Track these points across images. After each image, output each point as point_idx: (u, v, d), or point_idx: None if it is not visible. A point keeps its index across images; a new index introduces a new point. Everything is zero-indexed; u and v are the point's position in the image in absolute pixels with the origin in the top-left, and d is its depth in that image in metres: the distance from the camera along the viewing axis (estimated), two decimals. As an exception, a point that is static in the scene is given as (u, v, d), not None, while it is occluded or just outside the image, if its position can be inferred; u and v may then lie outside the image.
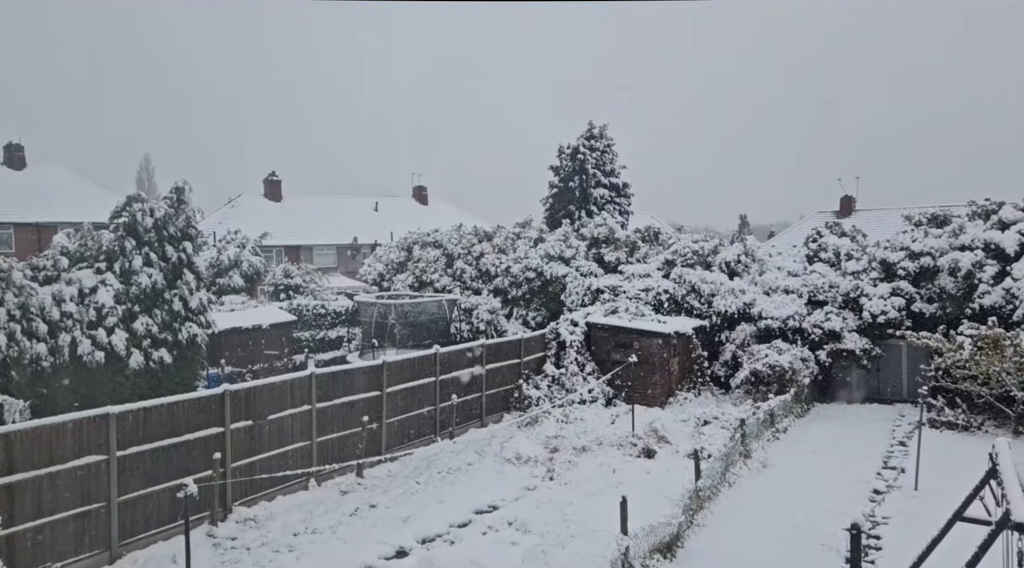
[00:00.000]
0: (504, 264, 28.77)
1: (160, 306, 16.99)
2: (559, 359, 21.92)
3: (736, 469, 14.98)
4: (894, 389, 21.86)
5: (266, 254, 35.59)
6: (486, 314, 27.45)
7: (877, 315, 21.07)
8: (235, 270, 29.34)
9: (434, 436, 17.88)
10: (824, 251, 24.23)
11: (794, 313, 22.09)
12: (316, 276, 33.19)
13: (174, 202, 18.11)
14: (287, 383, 14.23)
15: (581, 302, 25.52)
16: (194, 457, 12.23)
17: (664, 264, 25.77)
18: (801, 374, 20.38)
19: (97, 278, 16.30)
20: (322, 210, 49.94)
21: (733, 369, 22.14)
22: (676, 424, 18.43)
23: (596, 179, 37.71)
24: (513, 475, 15.22)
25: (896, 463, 15.67)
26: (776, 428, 18.15)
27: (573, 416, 19.52)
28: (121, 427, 11.21)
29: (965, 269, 20.09)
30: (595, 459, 16.16)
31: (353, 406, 15.55)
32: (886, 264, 21.73)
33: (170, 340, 16.97)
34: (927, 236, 21.85)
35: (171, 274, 17.42)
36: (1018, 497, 6.46)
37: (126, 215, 17.13)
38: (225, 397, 12.83)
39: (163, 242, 17.42)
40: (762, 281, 23.82)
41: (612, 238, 29.02)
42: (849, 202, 43.06)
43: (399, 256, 32.57)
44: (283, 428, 14.00)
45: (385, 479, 15.15)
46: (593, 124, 38.70)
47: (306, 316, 27.96)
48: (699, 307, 23.53)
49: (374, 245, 45.41)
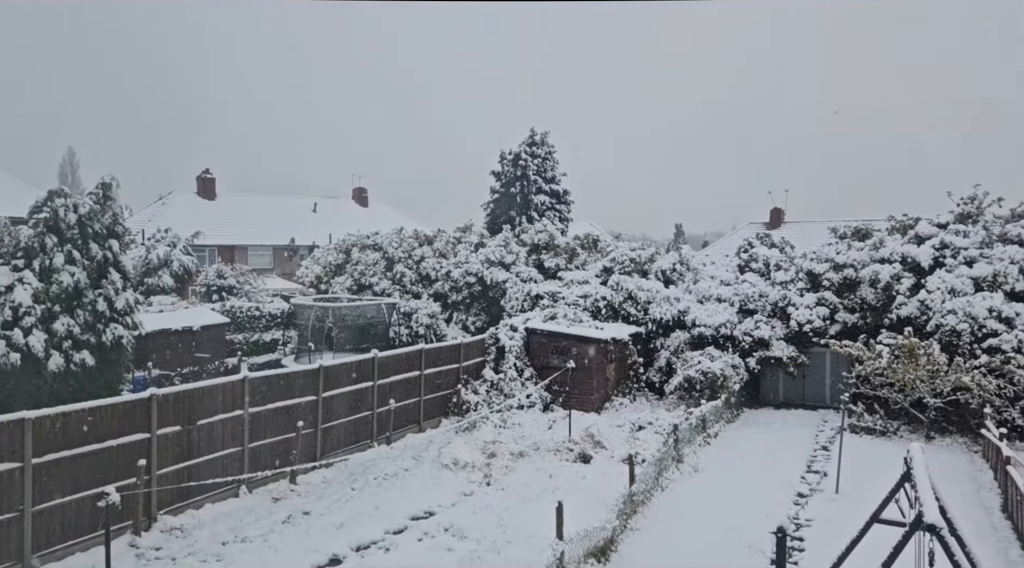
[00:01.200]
0: (445, 268, 28.70)
1: (83, 306, 16.24)
2: (498, 364, 21.97)
3: (669, 474, 15.33)
4: (818, 395, 22.77)
5: (199, 254, 34.50)
6: (426, 318, 27.34)
7: (803, 324, 21.91)
8: (165, 270, 28.34)
9: (371, 441, 17.66)
10: (755, 261, 25.07)
11: (726, 321, 22.76)
12: (251, 277, 32.37)
13: (100, 198, 17.37)
14: (218, 387, 13.82)
15: (521, 307, 25.69)
16: (118, 464, 11.75)
17: (602, 271, 26.19)
18: (732, 380, 21.01)
19: (13, 276, 15.46)
20: (259, 210, 48.70)
21: (668, 375, 22.64)
22: (612, 429, 18.71)
23: (537, 185, 38.03)
24: (450, 481, 15.18)
25: (819, 467, 16.32)
26: (708, 433, 18.65)
27: (511, 421, 19.59)
28: (38, 433, 10.68)
29: (884, 281, 21.12)
30: (532, 464, 16.27)
31: (288, 411, 15.22)
32: (812, 275, 22.64)
33: (93, 342, 16.23)
34: (850, 248, 22.86)
35: (95, 273, 16.68)
36: (930, 500, 6.84)
37: (47, 210, 16.31)
38: (152, 401, 12.38)
39: (87, 239, 16.67)
40: (696, 290, 24.46)
41: (552, 244, 29.32)
42: (778, 214, 44.64)
43: (338, 258, 32.10)
44: (213, 434, 13.60)
45: (320, 485, 14.88)
46: (535, 131, 39.02)
47: (240, 318, 27.23)
48: (636, 314, 23.99)
49: (312, 247, 44.54)
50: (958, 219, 22.62)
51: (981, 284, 19.83)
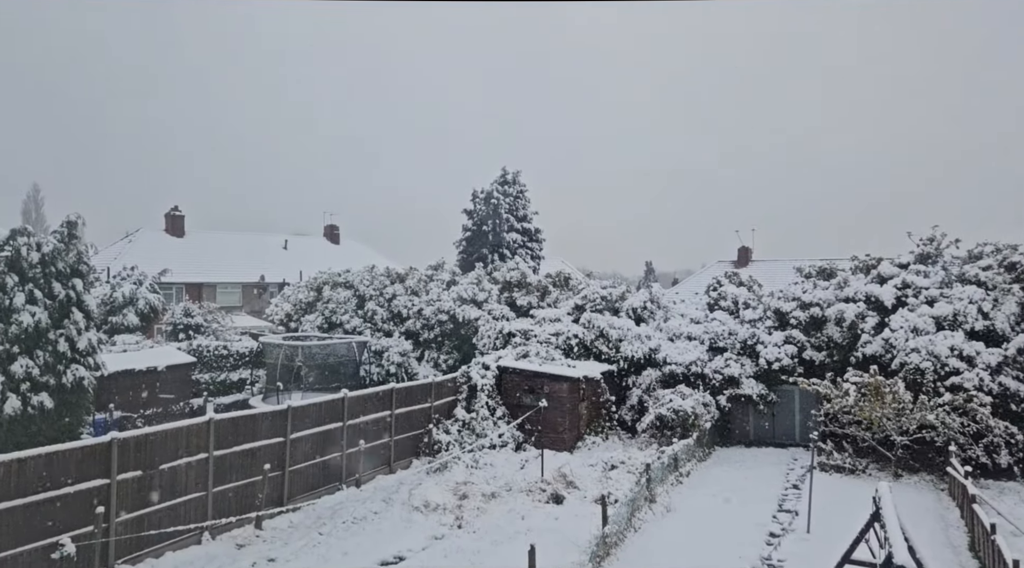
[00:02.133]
0: (417, 306, 28.58)
1: (43, 347, 15.82)
2: (470, 403, 21.80)
3: (642, 514, 15.24)
4: (788, 433, 22.93)
5: (166, 292, 33.97)
6: (397, 356, 27.12)
7: (772, 362, 22.17)
8: (130, 308, 27.81)
9: (340, 484, 17.30)
10: (724, 299, 25.41)
11: (697, 359, 22.93)
12: (219, 315, 31.88)
13: (64, 237, 17.06)
14: (182, 430, 13.48)
15: (493, 345, 25.61)
16: (74, 512, 11.32)
17: (574, 309, 26.30)
18: (703, 418, 21.08)
19: (-28, 316, 15.05)
20: (228, 247, 48.21)
21: (639, 413, 22.65)
22: (584, 469, 18.61)
23: (509, 224, 38.33)
24: (421, 523, 14.90)
25: (790, 506, 16.36)
26: (680, 472, 18.62)
27: (483, 461, 19.37)
28: (-9, 480, 10.28)
29: (849, 320, 21.53)
30: (504, 505, 16.06)
31: (255, 453, 14.88)
32: (780, 313, 23.00)
33: (53, 383, 15.77)
34: (816, 287, 23.32)
35: (58, 312, 16.30)
36: (899, 540, 6.90)
37: (9, 249, 15.96)
38: (112, 445, 12.01)
39: (50, 278, 16.32)
40: (667, 327, 24.67)
41: (524, 282, 29.43)
42: (746, 252, 45.38)
43: (308, 296, 31.80)
44: (177, 478, 13.21)
45: (286, 530, 14.49)
46: (507, 170, 39.51)
47: (207, 357, 26.71)
48: (607, 352, 24.06)
49: (282, 284, 44.14)
50: (918, 259, 23.25)
51: (942, 323, 20.31)
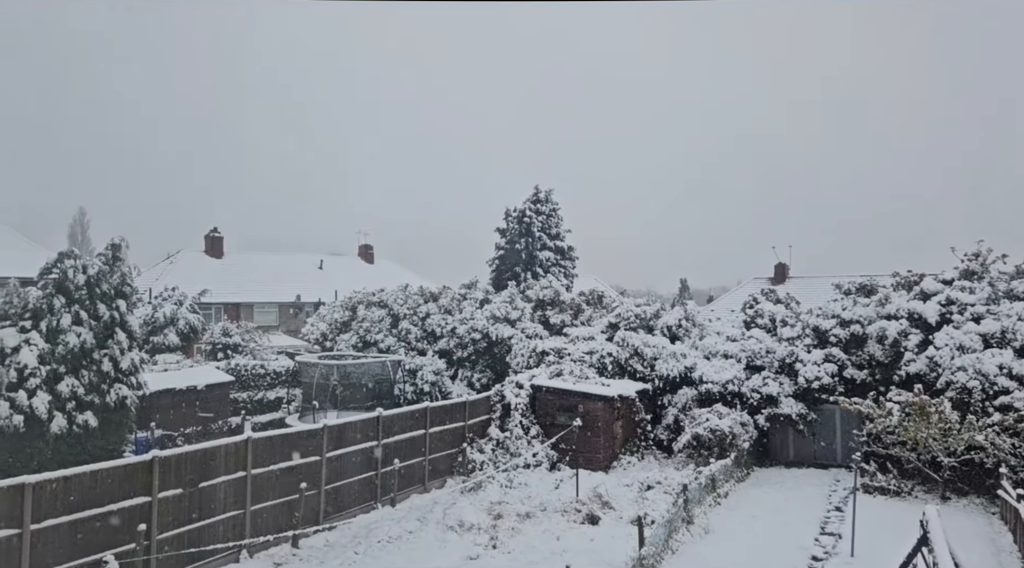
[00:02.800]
0: (450, 325, 28.71)
1: (88, 367, 16.25)
2: (504, 422, 21.74)
3: (679, 536, 14.97)
4: (829, 453, 22.38)
5: (205, 312, 34.65)
6: (431, 375, 27.21)
7: (812, 380, 21.72)
8: (171, 328, 28.39)
9: (375, 502, 17.35)
10: (761, 317, 25.02)
11: (733, 378, 22.58)
12: (256, 335, 32.39)
13: (109, 259, 17.58)
14: (221, 448, 13.68)
15: (526, 364, 25.56)
16: (117, 529, 11.53)
17: (608, 327, 26.15)
18: (741, 438, 20.70)
19: (21, 337, 15.53)
20: (265, 267, 49.12)
21: (675, 433, 22.34)
22: (620, 489, 18.39)
23: (542, 242, 38.39)
24: (456, 543, 14.84)
25: (833, 528, 15.92)
26: (717, 493, 18.28)
27: (517, 481, 19.28)
28: (37, 498, 10.53)
29: (892, 337, 21.01)
30: (539, 526, 15.93)
31: (291, 472, 15.02)
32: (819, 331, 22.56)
33: (97, 402, 16.17)
34: (856, 305, 22.83)
35: (102, 333, 16.75)
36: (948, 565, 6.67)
37: (57, 272, 16.50)
38: (154, 463, 12.24)
39: (95, 300, 16.80)
40: (702, 346, 24.37)
41: (557, 300, 29.39)
42: (783, 269, 44.81)
43: (343, 315, 32.17)
44: (215, 496, 13.39)
45: (322, 549, 14.56)
46: (539, 188, 39.64)
47: (244, 376, 27.12)
48: (642, 370, 23.84)
49: (318, 304, 44.72)
50: (963, 275, 22.64)
51: (990, 341, 19.71)
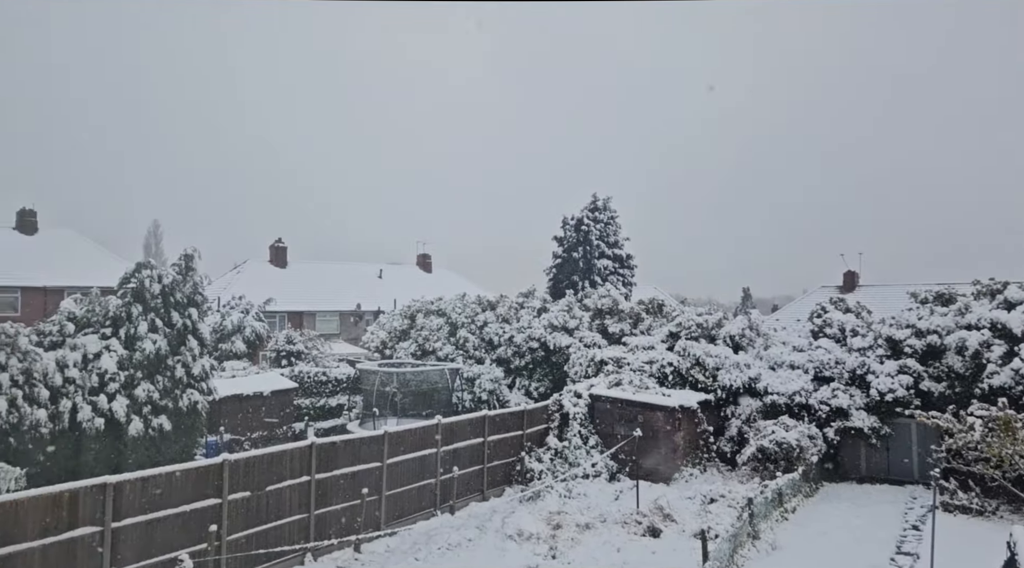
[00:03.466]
0: (507, 334, 28.75)
1: (163, 372, 16.91)
2: (562, 431, 21.60)
3: (744, 551, 14.54)
4: (905, 469, 21.40)
5: (269, 320, 35.66)
6: (489, 384, 27.28)
7: (885, 393, 20.84)
8: (238, 335, 29.34)
9: (434, 509, 17.46)
10: (829, 327, 24.17)
11: (800, 389, 21.88)
12: (318, 343, 33.14)
13: (182, 269, 18.29)
14: (287, 453, 14.01)
15: (585, 373, 25.35)
16: (190, 529, 11.92)
17: (668, 336, 25.72)
18: (809, 452, 20.01)
19: (102, 344, 16.29)
20: (326, 276, 50.33)
21: (739, 445, 21.77)
22: (682, 501, 18.01)
23: (600, 250, 38.13)
24: (514, 552, 14.78)
25: (910, 548, 15.20)
26: (784, 508, 17.70)
27: (576, 491, 19.10)
28: (118, 497, 10.98)
29: (972, 349, 20.00)
30: (599, 537, 15.73)
31: (353, 478, 15.25)
32: (892, 341, 21.66)
33: (171, 407, 16.81)
34: (933, 314, 21.84)
35: (175, 340, 17.42)
36: (1042, 591, 6.26)
37: (134, 281, 17.26)
38: (224, 466, 12.60)
39: (169, 308, 17.50)
40: (767, 356, 23.71)
41: (616, 309, 29.09)
42: (852, 277, 43.27)
43: (402, 324, 32.60)
44: (281, 500, 13.70)
45: (383, 555, 14.71)
46: (597, 196, 39.42)
47: (307, 383, 27.76)
48: (703, 381, 23.34)
49: (377, 312, 45.49)
50: (1050, 282, 21.41)
51: (1080, 351, 18.55)
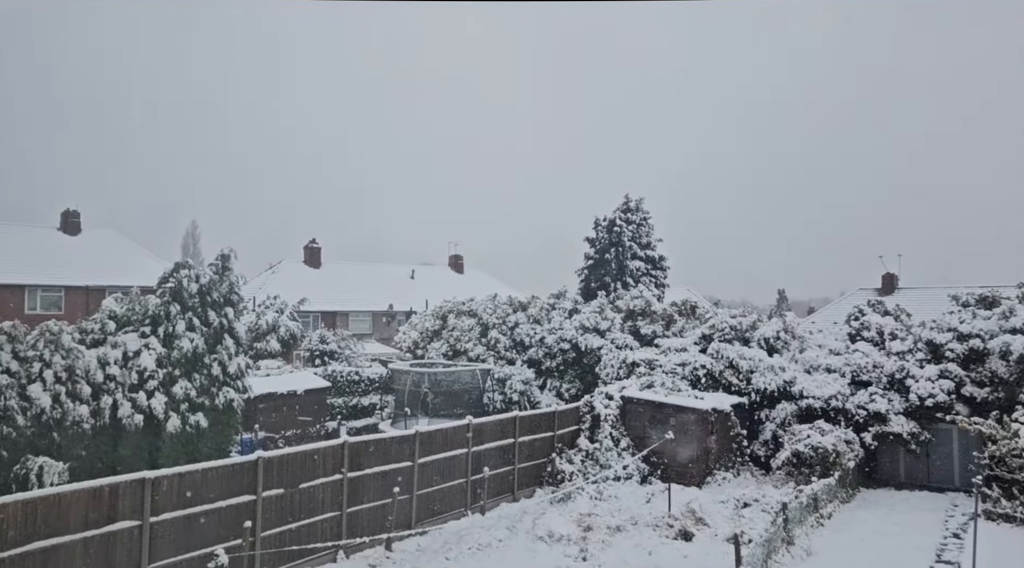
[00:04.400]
0: (539, 335, 28.71)
1: (200, 370, 17.24)
2: (593, 433, 21.50)
3: (778, 556, 14.31)
4: (945, 476, 20.87)
5: (303, 319, 36.09)
6: (519, 385, 27.26)
7: (925, 398, 20.34)
8: (273, 335, 29.73)
9: (465, 509, 17.51)
10: (867, 330, 23.68)
11: (836, 393, 21.47)
12: (351, 342, 33.47)
13: (219, 269, 18.62)
14: (320, 451, 14.17)
15: (616, 375, 25.20)
16: (225, 525, 12.12)
17: (701, 339, 25.44)
18: (845, 457, 19.62)
19: (141, 342, 16.66)
20: (359, 277, 50.80)
21: (773, 449, 21.44)
22: (714, 505, 17.77)
23: (632, 251, 37.88)
24: (545, 554, 14.75)
25: (950, 557, 14.81)
26: (820, 513, 17.37)
27: (607, 493, 18.99)
28: (156, 492, 11.21)
29: (1017, 353, 19.41)
30: (630, 540, 15.62)
31: (385, 476, 15.36)
32: (933, 345, 21.13)
33: (207, 404, 17.12)
34: (975, 317, 21.26)
35: (212, 339, 17.74)
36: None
37: (173, 281, 17.62)
38: (258, 464, 12.80)
39: (206, 307, 17.83)
40: (803, 359, 23.31)
41: (648, 311, 28.86)
42: (891, 280, 42.28)
43: (434, 324, 32.76)
44: (314, 497, 13.86)
45: (414, 553, 14.80)
46: (629, 197, 39.16)
47: (340, 382, 28.04)
48: (737, 384, 23.03)
49: (409, 313, 45.80)
50: (1099, 284, 20.71)
51: None
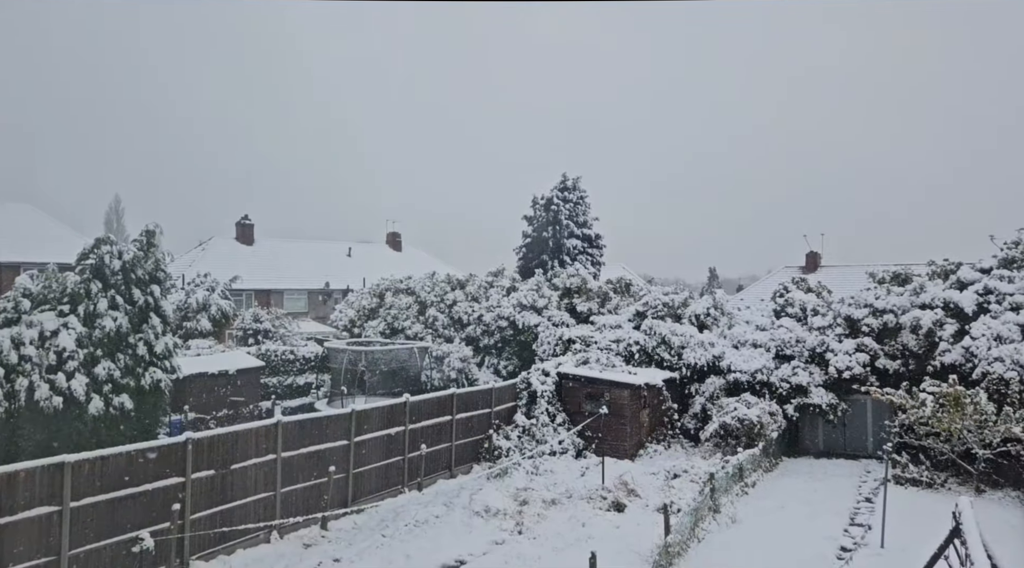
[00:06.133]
0: (477, 312, 28.80)
1: (124, 350, 16.63)
2: (530, 409, 21.81)
3: (705, 524, 14.92)
4: (860, 444, 22.08)
5: (236, 298, 35.16)
6: (457, 362, 27.34)
7: (843, 370, 21.41)
8: (203, 314, 28.90)
9: (402, 487, 17.55)
10: (791, 306, 24.69)
11: (762, 367, 22.35)
12: (286, 321, 32.80)
13: (144, 245, 17.91)
14: (252, 431, 13.93)
15: (553, 352, 25.57)
16: (152, 508, 11.83)
17: (635, 315, 26.02)
18: (769, 428, 20.51)
19: (59, 321, 15.94)
20: (294, 255, 49.70)
21: (703, 422, 22.21)
22: (646, 477, 18.36)
23: (569, 230, 38.23)
24: (481, 528, 14.97)
25: (863, 520, 15.73)
26: (745, 482, 18.16)
27: (543, 468, 19.34)
28: (76, 477, 10.84)
29: (926, 327, 20.60)
30: (565, 512, 15.99)
31: (320, 456, 15.25)
32: (851, 320, 22.20)
33: (132, 385, 16.55)
34: (890, 294, 22.41)
35: (137, 318, 17.11)
36: (981, 559, 6.56)
37: (93, 257, 16.87)
38: (187, 445, 12.51)
39: (130, 285, 17.16)
40: (731, 334, 24.14)
41: (584, 289, 29.29)
42: (814, 258, 44.08)
43: (371, 302, 32.44)
44: (247, 478, 13.65)
45: (351, 532, 14.78)
46: (566, 176, 39.41)
47: (274, 362, 27.54)
48: (669, 359, 23.70)
49: (346, 291, 45.16)
50: (1002, 264, 22.07)
51: (1028, 330, 19.21)
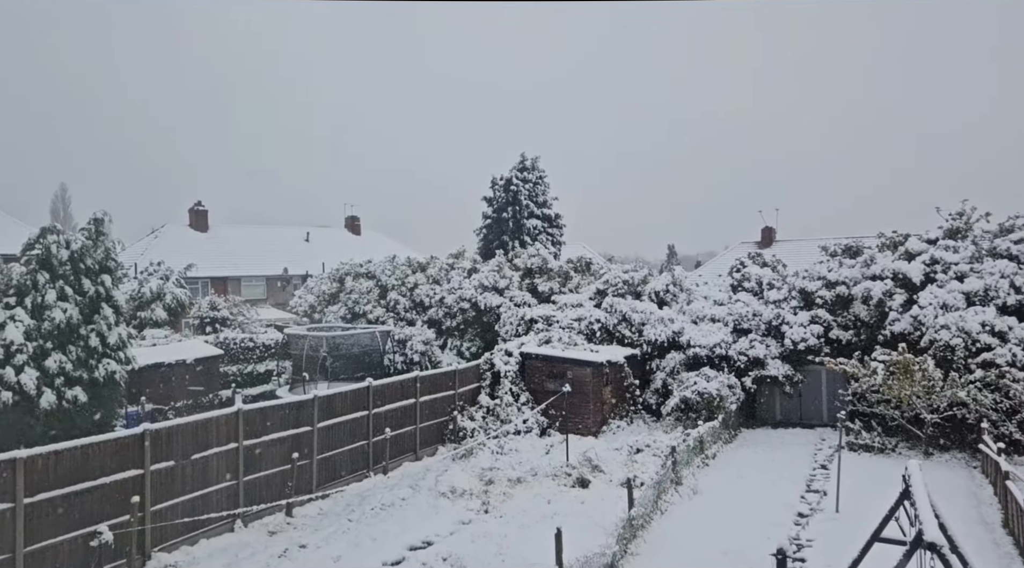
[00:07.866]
0: (438, 295, 28.70)
1: (75, 342, 16.16)
2: (494, 390, 21.89)
3: (668, 497, 15.23)
4: (815, 413, 22.73)
5: (191, 286, 34.42)
6: (420, 345, 27.25)
7: (798, 342, 21.95)
8: (158, 303, 28.22)
9: (367, 471, 17.51)
10: (747, 281, 25.17)
11: (720, 341, 22.79)
12: (244, 308, 32.27)
13: (92, 233, 17.36)
14: (212, 421, 13.71)
15: (515, 332, 25.65)
16: (111, 501, 11.59)
17: (596, 294, 26.23)
18: (728, 400, 20.97)
19: (5, 314, 15.40)
20: (251, 241, 48.72)
21: (664, 397, 22.60)
22: (610, 453, 18.61)
23: (529, 210, 38.22)
24: (448, 509, 15.04)
25: (818, 486, 16.25)
26: (706, 454, 18.57)
27: (508, 447, 19.48)
28: (29, 472, 10.55)
29: (876, 298, 21.22)
30: (530, 490, 16.15)
31: (283, 443, 15.10)
32: (805, 293, 22.74)
33: (86, 378, 16.12)
34: (842, 266, 22.99)
35: (88, 308, 16.62)
36: (929, 518, 6.82)
37: (39, 247, 16.30)
38: (145, 437, 12.26)
39: (79, 275, 16.64)
40: (690, 310, 24.52)
41: (545, 268, 29.39)
42: (770, 233, 44.97)
43: (331, 287, 32.07)
44: (208, 468, 13.46)
45: (316, 517, 14.71)
46: (525, 156, 39.31)
47: (233, 350, 27.09)
48: (630, 336, 23.99)
49: (305, 276, 44.54)
50: (947, 234, 22.82)
51: (973, 299, 19.95)
